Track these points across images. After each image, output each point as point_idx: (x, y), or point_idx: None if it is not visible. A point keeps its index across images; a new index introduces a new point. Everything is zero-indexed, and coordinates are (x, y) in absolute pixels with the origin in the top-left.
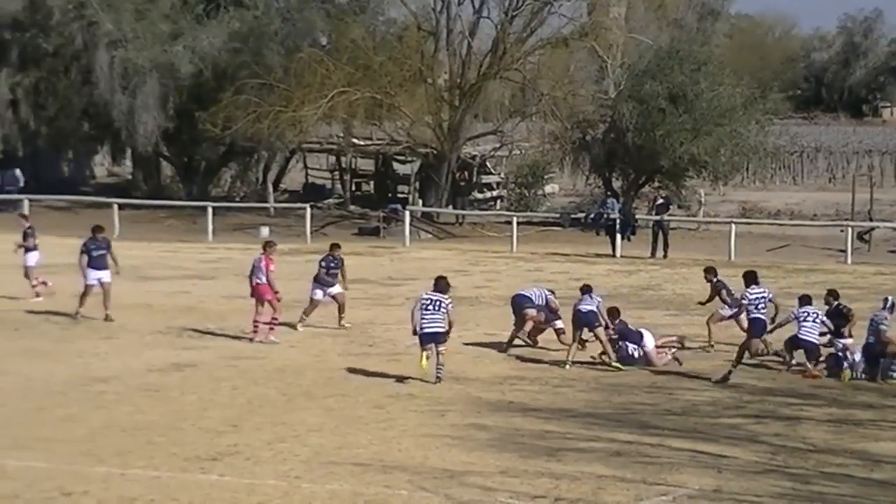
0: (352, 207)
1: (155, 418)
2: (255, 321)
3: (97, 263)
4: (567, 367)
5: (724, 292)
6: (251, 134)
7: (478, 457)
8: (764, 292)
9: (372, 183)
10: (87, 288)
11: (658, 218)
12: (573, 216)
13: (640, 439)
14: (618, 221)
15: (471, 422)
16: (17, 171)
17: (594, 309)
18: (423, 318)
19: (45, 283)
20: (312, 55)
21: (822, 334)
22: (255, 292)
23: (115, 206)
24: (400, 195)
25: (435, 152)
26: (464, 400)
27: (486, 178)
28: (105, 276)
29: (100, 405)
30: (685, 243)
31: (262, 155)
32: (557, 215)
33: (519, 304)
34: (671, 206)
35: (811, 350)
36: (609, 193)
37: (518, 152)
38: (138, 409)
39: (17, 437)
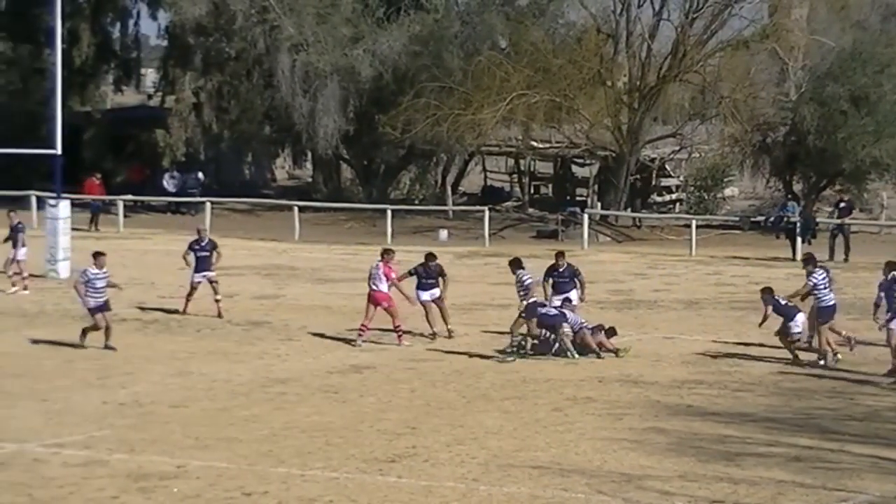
0: (530, 210)
1: (334, 420)
2: (363, 326)
3: (201, 266)
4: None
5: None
6: (430, 137)
7: (656, 461)
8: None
9: (550, 186)
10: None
11: (840, 221)
12: (753, 219)
13: (820, 444)
14: (798, 225)
15: (649, 425)
16: (200, 174)
17: None
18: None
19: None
20: (492, 58)
21: None
22: (371, 299)
23: (296, 209)
24: (578, 198)
25: (614, 155)
26: (642, 403)
27: (665, 181)
28: (210, 275)
29: (280, 406)
30: (866, 247)
31: (441, 158)
32: (737, 218)
33: None
34: (853, 210)
35: None
36: (789, 196)
37: (697, 155)
38: (318, 411)
39: (200, 436)
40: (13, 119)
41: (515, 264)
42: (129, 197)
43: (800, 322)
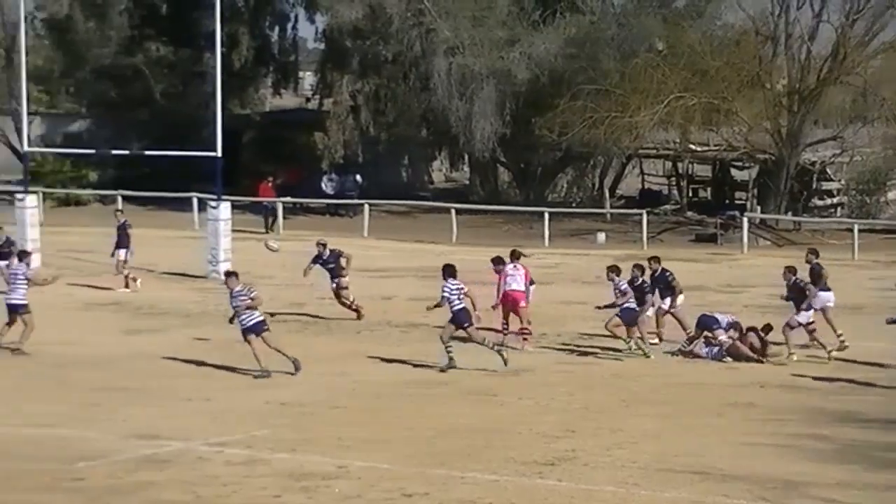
0: (688, 213)
1: (492, 422)
2: (506, 326)
3: (332, 275)
4: None
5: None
6: (587, 139)
7: (819, 467)
8: None
9: (709, 189)
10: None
11: None
12: None
13: None
14: None
15: (812, 431)
16: (357, 176)
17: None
18: None
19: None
20: (648, 60)
21: None
22: (508, 298)
23: (453, 212)
24: (738, 201)
25: (773, 158)
26: (802, 409)
27: (825, 185)
28: (341, 282)
29: (439, 407)
30: None
31: (598, 160)
32: None
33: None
34: None
35: None
36: None
37: (859, 158)
38: (477, 412)
39: (361, 437)
40: (174, 122)
41: (614, 270)
42: (289, 199)
43: None
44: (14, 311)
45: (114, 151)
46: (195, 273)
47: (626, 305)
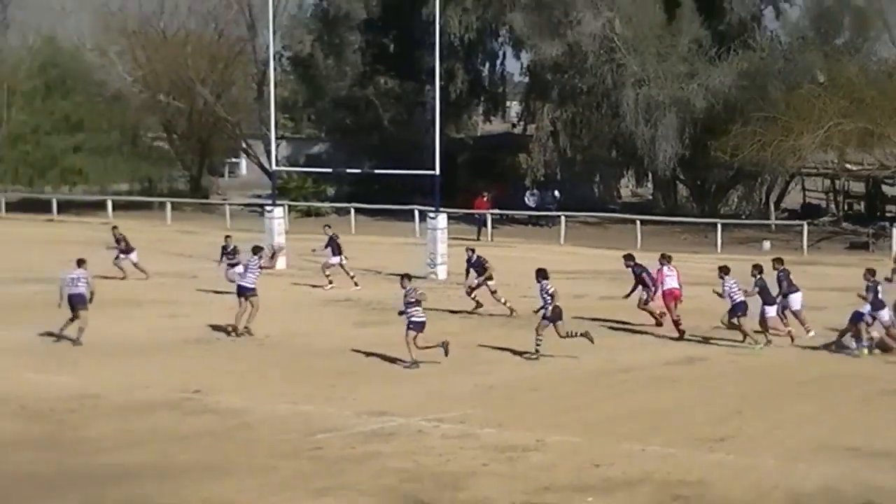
0: (844, 224)
1: (670, 404)
2: (675, 322)
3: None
4: None
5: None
6: (756, 160)
7: None
8: None
9: (862, 203)
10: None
11: None
12: None
13: None
14: None
15: None
16: (556, 192)
17: None
18: None
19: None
20: (811, 91)
21: None
22: (671, 295)
23: (638, 223)
24: (888, 214)
25: None
26: None
27: None
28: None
29: (623, 391)
30: None
31: (765, 178)
32: None
33: None
34: None
35: None
36: None
37: None
38: (656, 396)
39: (556, 415)
40: (399, 145)
41: (724, 270)
42: (497, 211)
43: None
44: (243, 293)
45: (348, 170)
46: (416, 274)
47: (738, 300)
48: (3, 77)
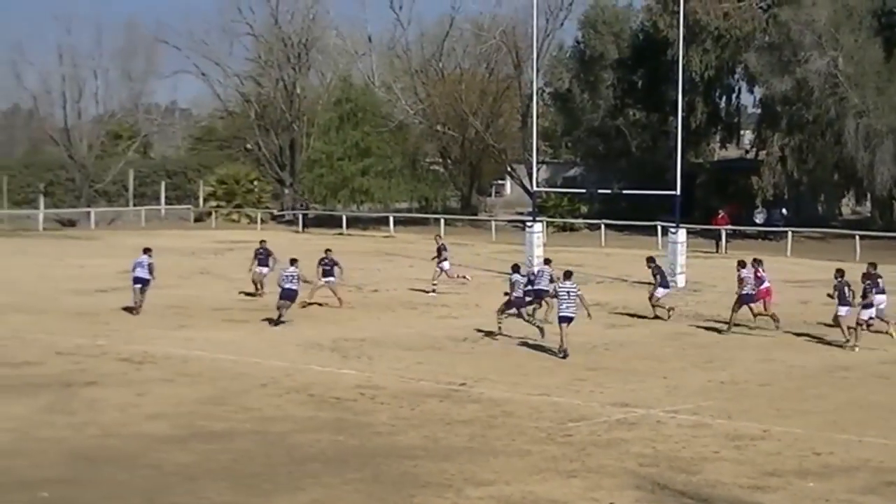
0: None
1: (884, 399)
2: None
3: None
4: None
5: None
6: None
7: None
8: None
9: None
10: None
11: None
12: None
13: None
14: None
15: None
16: (783, 210)
17: None
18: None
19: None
20: None
21: None
22: (767, 293)
23: (857, 237)
24: None
25: None
26: None
27: None
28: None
29: (843, 387)
30: None
31: None
32: None
33: None
34: None
35: None
36: None
37: None
38: (873, 391)
39: (781, 408)
40: (645, 169)
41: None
42: (730, 227)
43: None
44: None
45: (600, 190)
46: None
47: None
48: (304, 111)
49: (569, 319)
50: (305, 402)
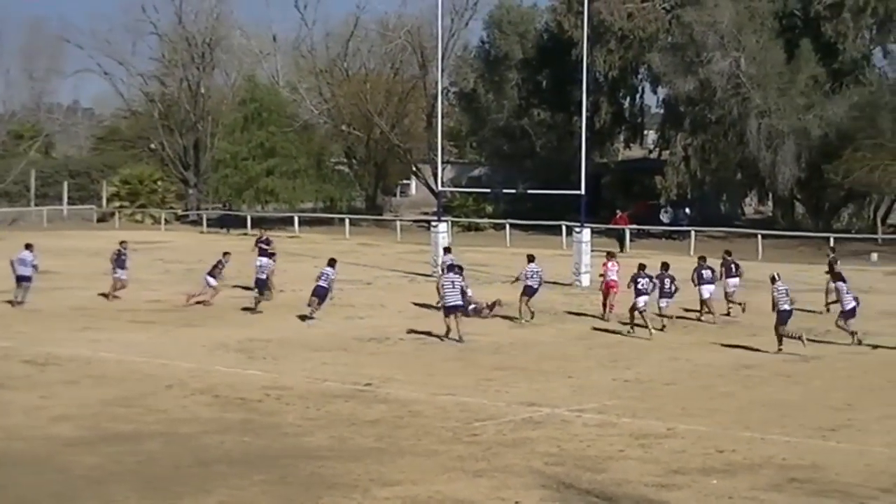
0: None
1: (788, 397)
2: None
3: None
4: None
5: None
6: (866, 182)
7: None
8: None
9: None
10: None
11: None
12: None
13: None
14: None
15: None
16: (687, 209)
17: None
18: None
19: None
20: None
21: None
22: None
23: (759, 236)
24: None
25: None
26: None
27: None
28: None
29: (748, 386)
30: None
31: (873, 197)
32: None
33: None
34: None
35: None
36: None
37: None
38: (776, 390)
39: (686, 407)
40: (550, 169)
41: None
42: (634, 226)
43: None
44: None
45: (505, 190)
46: (563, 281)
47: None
48: (209, 111)
49: (455, 308)
50: (212, 403)
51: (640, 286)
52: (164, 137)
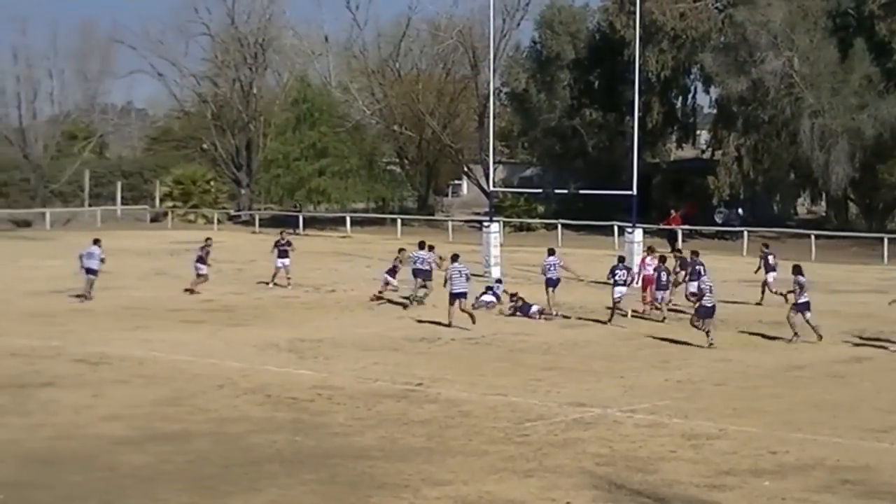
0: None
1: (840, 398)
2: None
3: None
4: None
5: None
6: None
7: None
8: None
9: None
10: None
11: None
12: None
13: None
14: None
15: None
16: (740, 209)
17: None
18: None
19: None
20: None
21: None
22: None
23: (812, 237)
24: None
25: None
26: None
27: None
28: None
29: (797, 386)
30: None
31: None
32: None
33: None
34: None
35: None
36: None
37: None
38: (826, 391)
39: (737, 408)
40: (601, 169)
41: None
42: (687, 227)
43: None
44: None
45: (556, 191)
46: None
47: None
48: (261, 111)
49: (460, 295)
50: (262, 402)
51: (617, 278)
52: (216, 138)
